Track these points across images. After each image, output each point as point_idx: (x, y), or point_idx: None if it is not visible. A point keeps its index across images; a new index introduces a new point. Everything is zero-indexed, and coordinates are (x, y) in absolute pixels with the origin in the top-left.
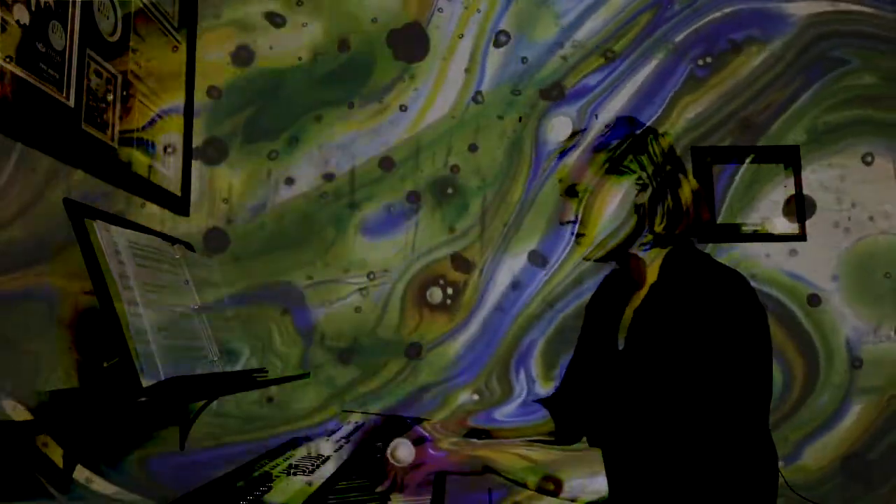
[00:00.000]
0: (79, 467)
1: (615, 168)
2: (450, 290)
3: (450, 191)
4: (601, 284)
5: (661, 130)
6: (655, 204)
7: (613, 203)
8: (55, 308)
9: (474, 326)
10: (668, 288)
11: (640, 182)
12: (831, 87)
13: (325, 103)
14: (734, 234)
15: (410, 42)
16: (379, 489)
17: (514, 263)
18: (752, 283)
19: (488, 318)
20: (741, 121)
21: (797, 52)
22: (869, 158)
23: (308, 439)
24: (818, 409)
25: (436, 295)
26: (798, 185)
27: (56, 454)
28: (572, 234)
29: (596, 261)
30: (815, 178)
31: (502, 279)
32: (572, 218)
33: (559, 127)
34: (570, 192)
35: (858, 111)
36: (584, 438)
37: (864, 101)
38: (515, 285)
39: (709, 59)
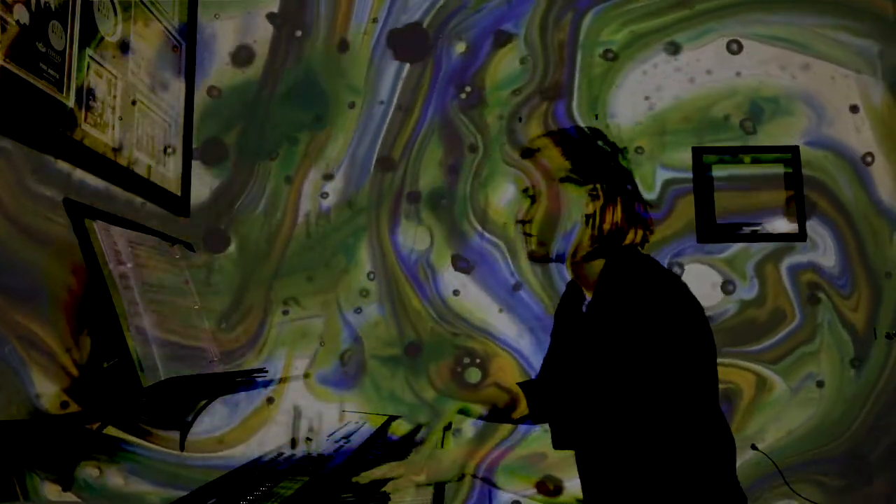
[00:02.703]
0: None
1: (573, 177)
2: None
3: (444, 201)
4: (566, 289)
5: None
6: (605, 213)
7: (564, 209)
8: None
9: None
10: (607, 291)
11: (593, 192)
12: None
13: (323, 104)
14: (734, 234)
15: (410, 42)
16: None
17: (515, 265)
18: None
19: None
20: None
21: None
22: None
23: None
24: None
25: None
26: (798, 184)
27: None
28: (523, 233)
29: (541, 262)
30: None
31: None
32: (526, 218)
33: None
34: (525, 192)
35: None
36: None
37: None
38: (517, 287)
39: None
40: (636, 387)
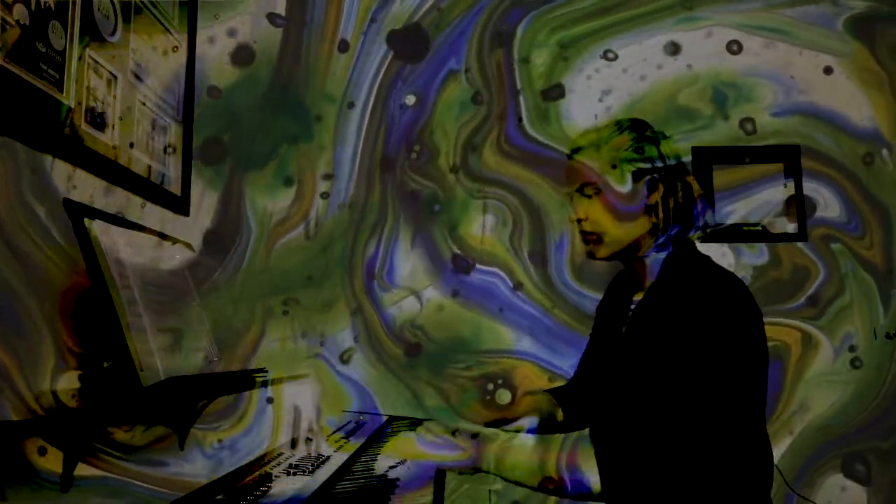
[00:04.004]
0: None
1: (623, 165)
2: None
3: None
4: (611, 283)
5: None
6: (666, 206)
7: (622, 203)
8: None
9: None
10: (665, 288)
11: (652, 184)
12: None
13: (324, 103)
14: (734, 234)
15: (410, 42)
16: None
17: (515, 264)
18: None
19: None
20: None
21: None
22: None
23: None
24: None
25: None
26: (798, 185)
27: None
28: (581, 232)
29: (606, 259)
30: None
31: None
32: (582, 216)
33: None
34: (580, 190)
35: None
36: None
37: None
38: (517, 286)
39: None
40: (681, 390)
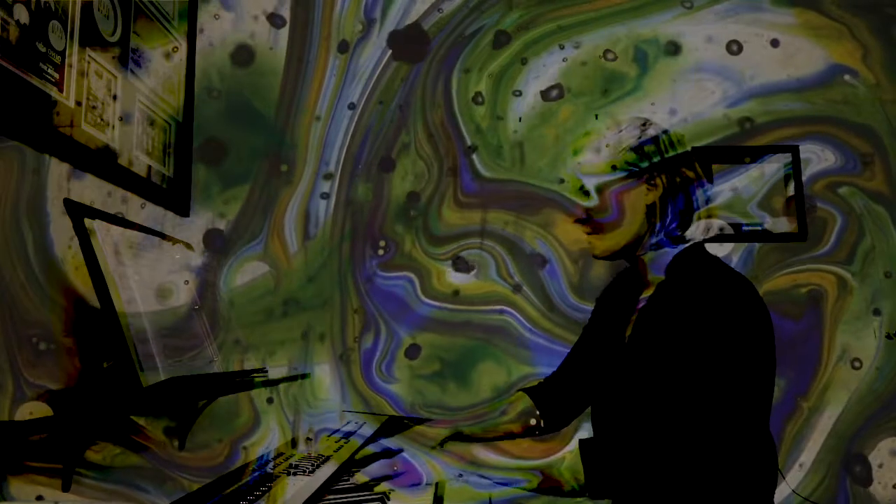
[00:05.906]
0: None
1: (621, 165)
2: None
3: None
4: (614, 279)
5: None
6: (666, 204)
7: (624, 202)
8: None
9: None
10: (673, 288)
11: (652, 182)
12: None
13: (324, 103)
14: (735, 234)
15: (410, 42)
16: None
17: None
18: None
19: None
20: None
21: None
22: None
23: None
24: None
25: None
26: (798, 184)
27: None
28: (587, 233)
29: (606, 259)
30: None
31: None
32: (583, 216)
33: None
34: (582, 191)
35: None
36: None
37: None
38: (517, 287)
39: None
40: (689, 390)
